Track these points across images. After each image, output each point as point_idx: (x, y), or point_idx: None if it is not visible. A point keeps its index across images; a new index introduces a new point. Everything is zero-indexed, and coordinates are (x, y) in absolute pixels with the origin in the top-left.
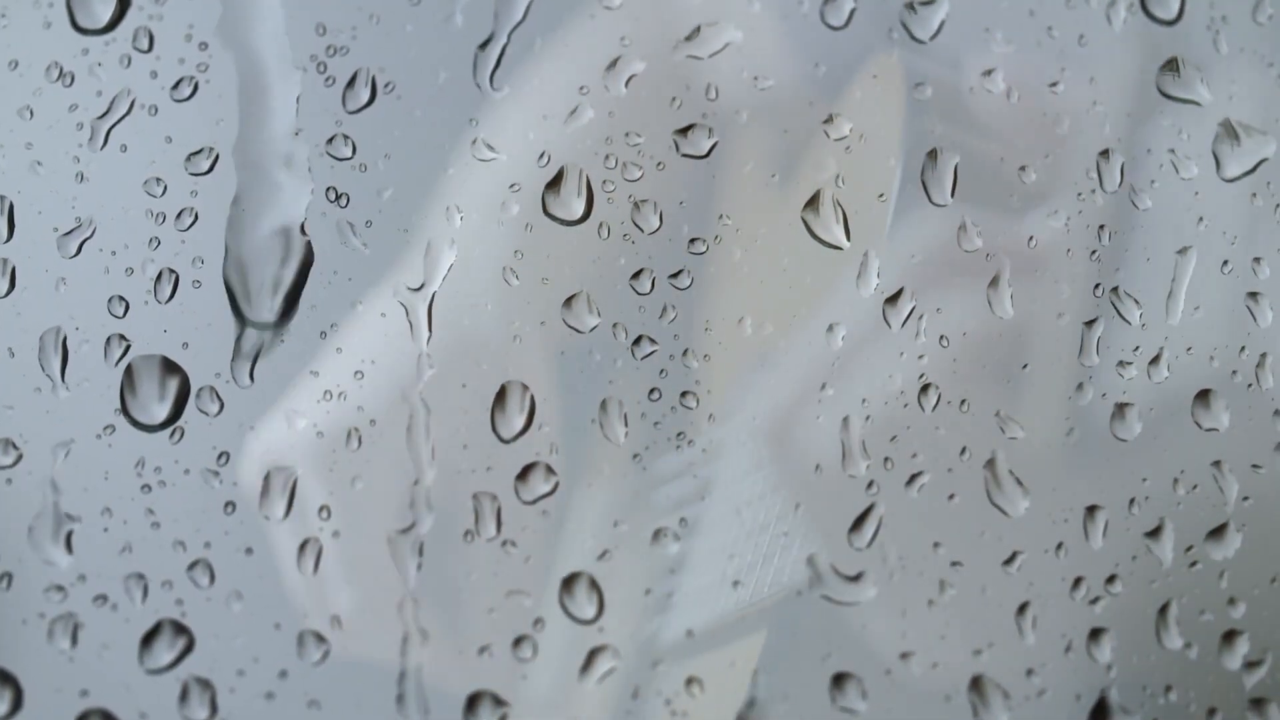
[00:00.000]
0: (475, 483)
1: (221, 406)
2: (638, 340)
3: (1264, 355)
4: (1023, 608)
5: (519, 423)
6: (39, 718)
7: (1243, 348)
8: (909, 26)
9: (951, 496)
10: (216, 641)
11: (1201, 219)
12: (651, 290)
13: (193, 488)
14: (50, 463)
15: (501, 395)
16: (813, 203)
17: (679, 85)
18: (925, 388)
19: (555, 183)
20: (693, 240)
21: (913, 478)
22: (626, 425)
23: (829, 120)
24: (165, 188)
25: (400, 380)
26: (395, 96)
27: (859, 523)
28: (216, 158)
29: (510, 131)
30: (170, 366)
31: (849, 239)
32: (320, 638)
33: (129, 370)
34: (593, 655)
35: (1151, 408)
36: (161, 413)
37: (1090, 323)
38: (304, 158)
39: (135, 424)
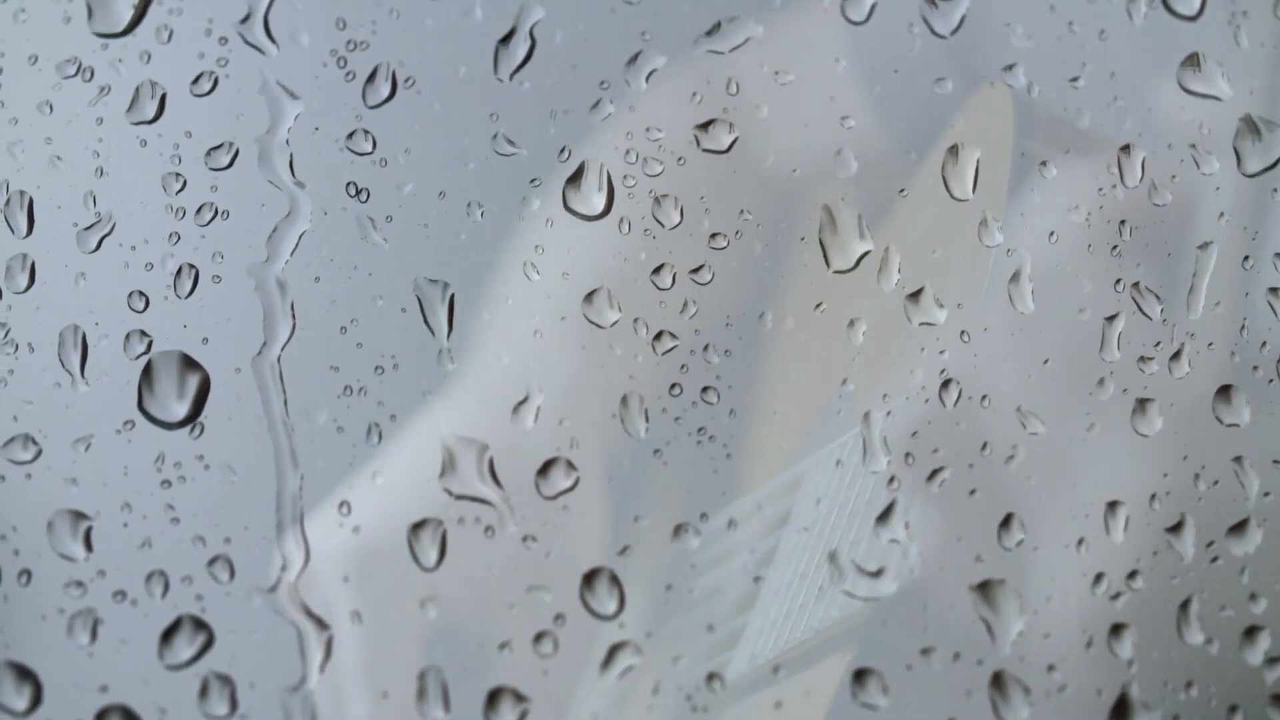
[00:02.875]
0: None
1: (241, 403)
2: (658, 335)
3: None
4: (1044, 603)
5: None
6: (59, 713)
7: (1264, 343)
8: (930, 21)
9: (973, 492)
10: (236, 637)
11: (1222, 214)
12: (672, 285)
13: (213, 483)
14: (70, 458)
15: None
16: (834, 198)
17: (700, 80)
18: (946, 383)
19: (576, 177)
20: (713, 235)
21: (934, 473)
22: (647, 420)
23: (849, 115)
24: (185, 183)
25: (420, 375)
26: (415, 91)
27: (880, 518)
28: (236, 153)
29: (531, 126)
30: (189, 364)
31: (870, 234)
32: (341, 633)
33: (148, 368)
34: (614, 651)
35: (1172, 403)
36: (181, 410)
37: (1111, 318)
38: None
39: (154, 421)
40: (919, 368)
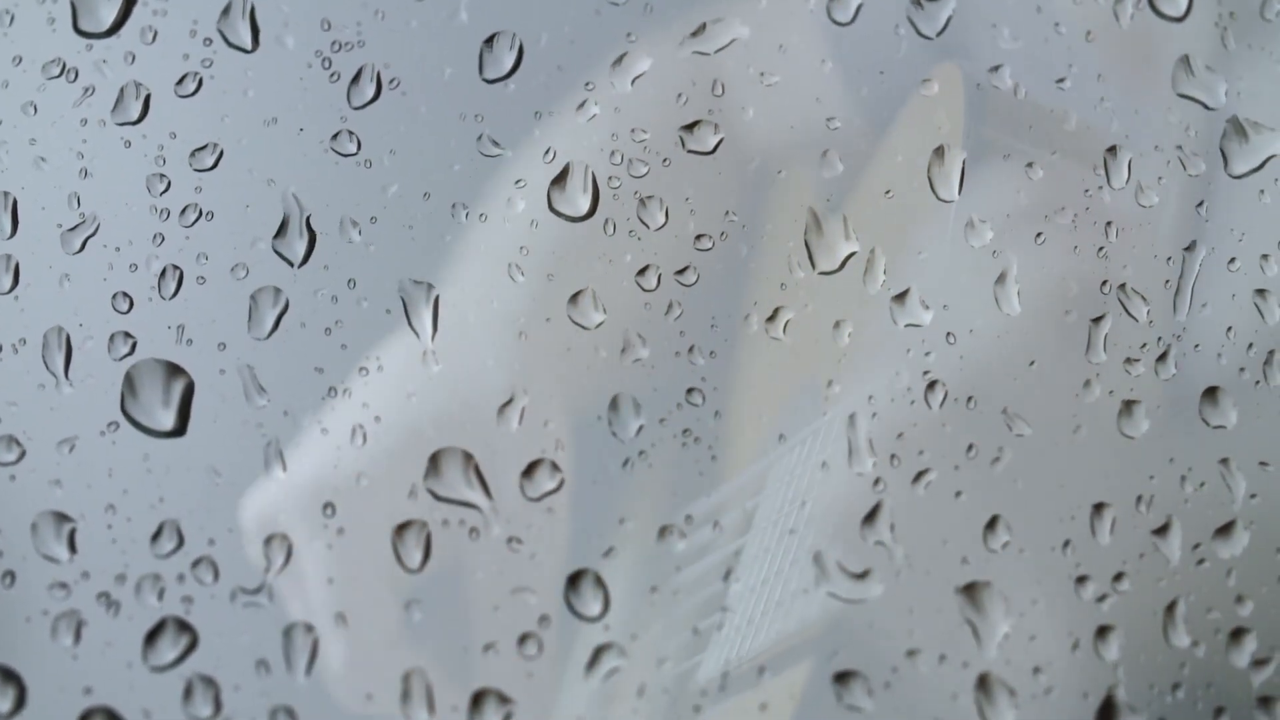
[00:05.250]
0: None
1: (226, 404)
2: (643, 337)
3: (1271, 352)
4: (1030, 605)
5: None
6: (42, 715)
7: (1250, 345)
8: (916, 22)
9: (958, 494)
10: (220, 639)
11: (1209, 216)
12: (657, 287)
13: (197, 485)
14: (54, 460)
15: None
16: (819, 199)
17: (685, 81)
18: (932, 385)
19: (561, 179)
20: (699, 237)
21: (919, 475)
22: (632, 422)
23: (835, 117)
24: (169, 183)
25: (405, 377)
26: (400, 92)
27: (865, 520)
28: (221, 154)
29: (516, 128)
30: (173, 370)
31: (856, 236)
32: (325, 635)
33: (131, 374)
34: (598, 653)
35: (1159, 405)
36: (168, 419)
37: (1097, 320)
38: None
39: (141, 429)
40: (905, 369)
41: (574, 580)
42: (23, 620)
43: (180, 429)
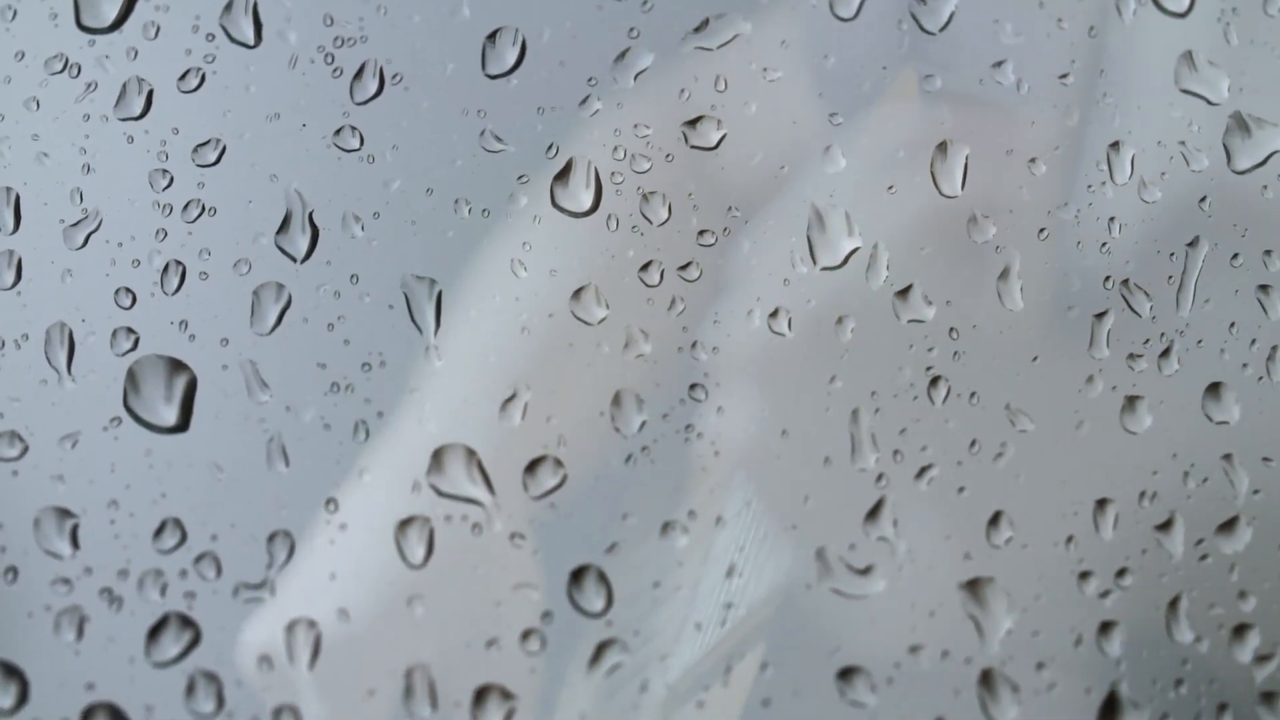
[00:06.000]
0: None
1: (228, 400)
2: (646, 333)
3: (1274, 348)
4: (1033, 601)
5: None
6: (45, 711)
7: (1253, 340)
8: (919, 18)
9: (961, 489)
10: (223, 635)
11: (1211, 211)
12: (660, 282)
13: (200, 480)
14: (56, 455)
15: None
16: (822, 195)
17: (688, 77)
18: (935, 380)
19: (563, 174)
20: (701, 232)
21: (922, 470)
22: (635, 417)
23: (838, 112)
24: (172, 179)
25: (408, 373)
26: (403, 88)
27: (868, 515)
28: (223, 149)
29: (518, 123)
30: (176, 365)
31: (859, 232)
32: (328, 631)
33: (134, 370)
34: (601, 648)
35: (1162, 400)
36: (170, 415)
37: (1100, 315)
38: None
39: (144, 424)
40: (907, 365)
41: (577, 576)
42: (25, 616)
43: (183, 424)
